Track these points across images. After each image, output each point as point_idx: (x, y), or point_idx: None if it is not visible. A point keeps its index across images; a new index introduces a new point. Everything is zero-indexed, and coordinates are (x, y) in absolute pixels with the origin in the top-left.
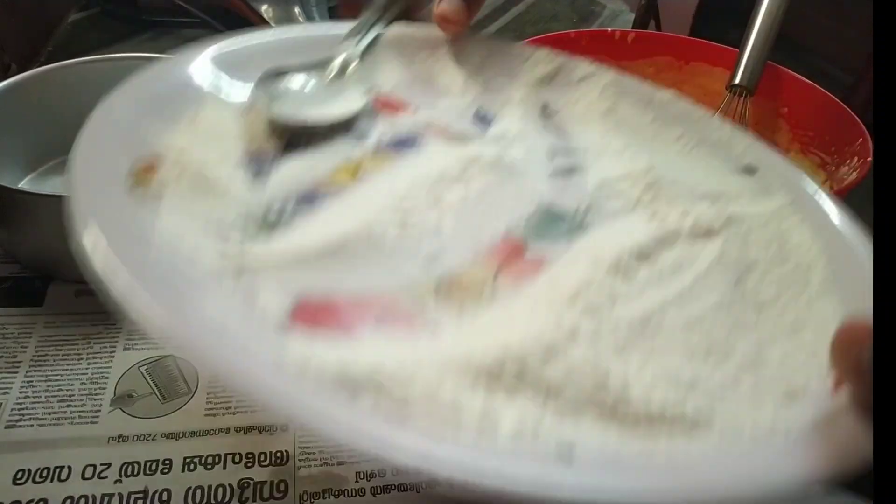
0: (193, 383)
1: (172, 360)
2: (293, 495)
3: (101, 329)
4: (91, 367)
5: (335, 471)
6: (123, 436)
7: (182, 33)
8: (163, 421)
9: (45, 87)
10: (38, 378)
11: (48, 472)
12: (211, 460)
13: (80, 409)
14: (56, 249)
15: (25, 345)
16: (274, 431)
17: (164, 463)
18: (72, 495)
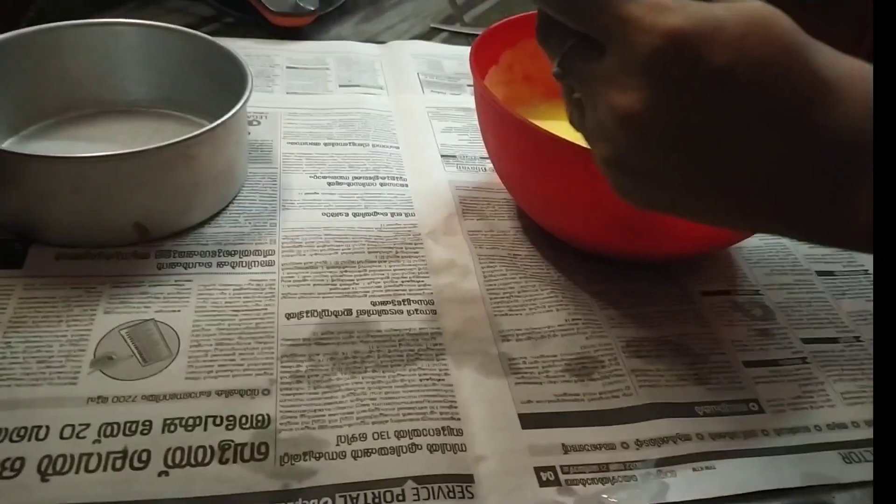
0: (175, 347)
1: (153, 324)
2: (273, 457)
3: (81, 292)
4: (71, 329)
5: (316, 434)
6: (103, 397)
7: (167, 3)
8: (143, 383)
9: (27, 50)
10: (16, 339)
11: (25, 431)
12: (191, 422)
13: (59, 371)
14: (37, 212)
15: (4, 306)
16: (256, 395)
17: (144, 424)
18: (49, 454)
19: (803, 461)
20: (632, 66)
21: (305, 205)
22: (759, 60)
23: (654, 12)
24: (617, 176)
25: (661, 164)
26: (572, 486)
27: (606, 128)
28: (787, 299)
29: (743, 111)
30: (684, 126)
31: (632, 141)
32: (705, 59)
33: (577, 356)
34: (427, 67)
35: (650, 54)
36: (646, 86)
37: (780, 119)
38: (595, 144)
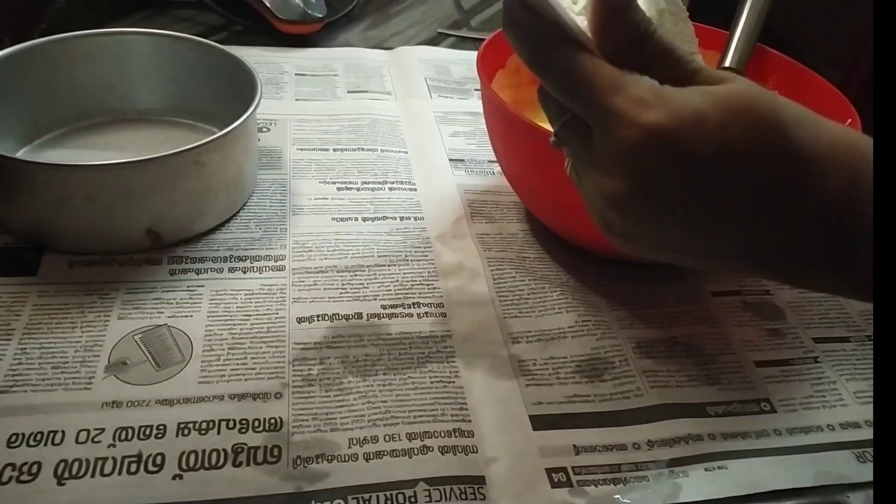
0: (188, 352)
1: (166, 330)
2: (286, 460)
3: (94, 299)
4: (85, 335)
5: (328, 437)
6: (117, 401)
7: (176, 13)
8: (157, 388)
9: (41, 60)
10: (31, 345)
11: (42, 436)
12: (205, 426)
13: (74, 376)
14: (50, 220)
15: (19, 313)
16: (268, 399)
17: (158, 428)
18: (65, 459)
19: (816, 461)
20: (615, 155)
21: (315, 210)
22: (740, 150)
23: (635, 106)
24: (612, 237)
25: (652, 234)
26: (584, 487)
27: (596, 202)
28: (798, 298)
29: (727, 196)
30: (668, 209)
31: (620, 217)
32: (685, 152)
33: (588, 357)
34: (434, 72)
35: (631, 148)
36: (626, 175)
37: (763, 198)
38: (588, 209)
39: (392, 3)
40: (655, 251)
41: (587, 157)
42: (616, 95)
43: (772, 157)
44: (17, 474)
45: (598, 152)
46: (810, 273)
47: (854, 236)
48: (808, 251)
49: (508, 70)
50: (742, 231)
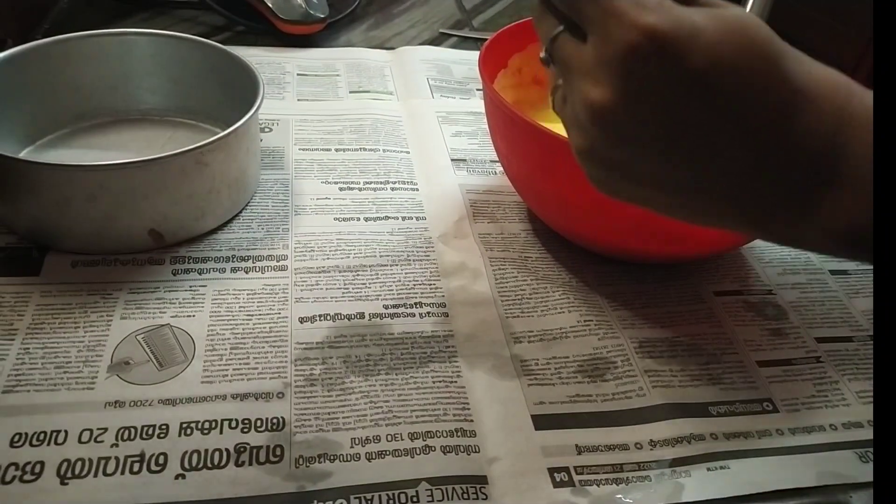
0: (190, 351)
1: (169, 329)
2: (288, 460)
3: (97, 298)
4: (88, 334)
5: (330, 437)
6: (120, 401)
7: (178, 13)
8: (159, 388)
9: (44, 61)
10: (34, 345)
11: (44, 435)
12: (207, 426)
13: (77, 376)
14: (53, 220)
15: (22, 313)
16: (270, 398)
17: (161, 428)
18: (68, 458)
19: (819, 460)
20: (607, 59)
21: (317, 210)
22: (732, 67)
23: (636, 9)
24: (589, 166)
25: (630, 159)
26: (586, 486)
27: (580, 119)
28: (801, 298)
29: (713, 114)
30: (652, 124)
31: (602, 134)
32: (679, 61)
33: (590, 357)
34: (436, 72)
35: (625, 50)
36: (617, 81)
37: (750, 124)
38: (570, 133)
39: (394, 4)
40: (630, 183)
41: (577, 65)
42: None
43: (763, 82)
44: (21, 474)
45: (591, 59)
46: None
47: (831, 177)
48: (783, 188)
49: (510, 70)
50: (723, 158)
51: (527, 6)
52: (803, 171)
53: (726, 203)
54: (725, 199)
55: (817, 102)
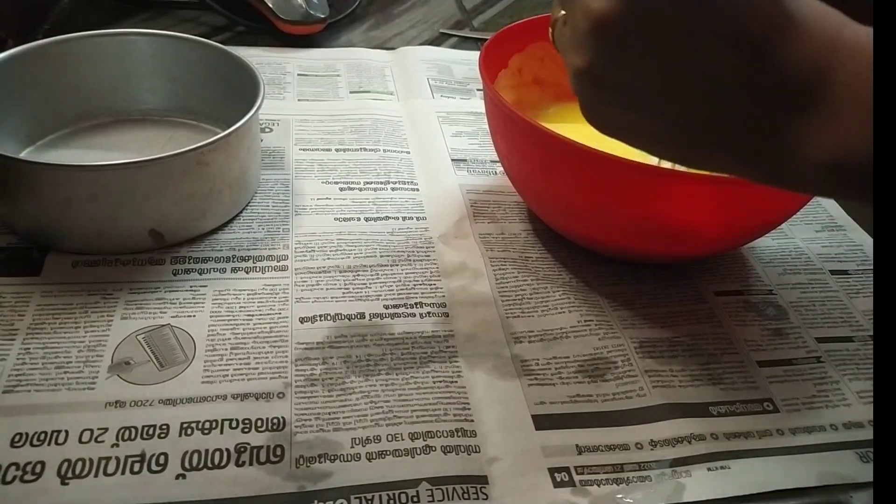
0: (191, 351)
1: (169, 330)
2: (289, 460)
3: (98, 299)
4: (88, 335)
5: (330, 437)
6: (120, 401)
7: (179, 14)
8: (160, 388)
9: (44, 61)
10: (35, 345)
11: (45, 435)
12: (208, 426)
13: (78, 376)
14: (54, 220)
15: (23, 313)
16: (271, 398)
17: (162, 428)
18: (69, 458)
19: (819, 460)
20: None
21: (318, 210)
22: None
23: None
24: (585, 88)
25: (628, 76)
26: (587, 486)
27: (580, 35)
28: (801, 298)
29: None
30: (653, 35)
31: (602, 46)
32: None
33: (590, 357)
34: (437, 72)
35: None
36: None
37: (742, 41)
38: (569, 56)
39: (394, 4)
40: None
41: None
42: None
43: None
44: (21, 474)
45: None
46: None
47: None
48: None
49: (511, 70)
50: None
51: (527, 6)
52: (791, 93)
53: (714, 128)
54: (714, 123)
55: (808, 26)
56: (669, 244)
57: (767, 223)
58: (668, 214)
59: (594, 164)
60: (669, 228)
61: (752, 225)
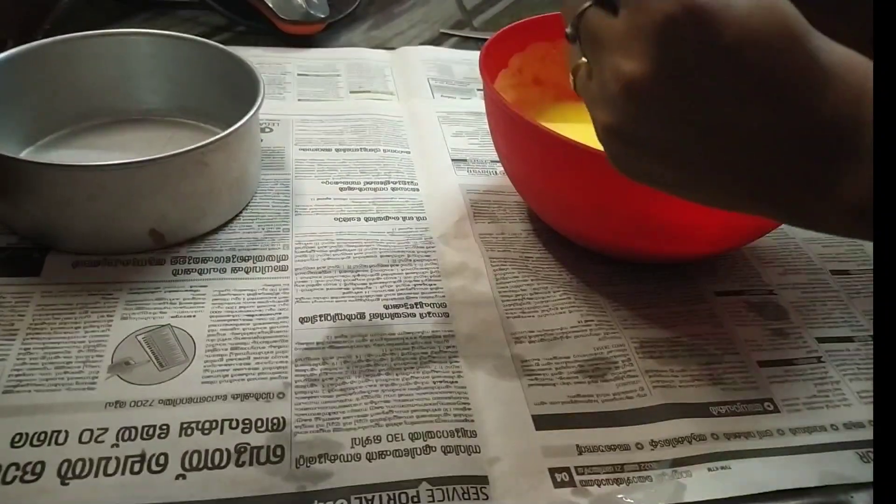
0: (191, 352)
1: (169, 330)
2: (289, 460)
3: (98, 299)
4: (88, 335)
5: (331, 437)
6: (120, 401)
7: (179, 14)
8: (160, 388)
9: (45, 61)
10: (35, 345)
11: (45, 435)
12: (208, 426)
13: (78, 376)
14: (54, 220)
15: (23, 313)
16: (271, 398)
17: (161, 428)
18: (69, 458)
19: (820, 461)
20: (643, 31)
21: (318, 210)
22: (763, 39)
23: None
24: (614, 145)
25: (658, 135)
26: (587, 486)
27: (609, 93)
28: (802, 298)
29: (742, 86)
30: (685, 96)
31: (633, 108)
32: (714, 31)
33: (591, 357)
34: (437, 72)
35: (662, 21)
36: (653, 53)
37: (777, 97)
38: (596, 110)
39: (394, 4)
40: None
41: (609, 40)
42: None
43: (793, 55)
44: (21, 474)
45: (623, 31)
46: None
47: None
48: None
49: (511, 70)
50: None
51: (527, 6)
52: (826, 144)
53: (747, 179)
54: (746, 174)
55: (840, 79)
56: (669, 244)
57: (768, 223)
58: (669, 214)
59: (594, 164)
60: (669, 228)
61: (752, 225)
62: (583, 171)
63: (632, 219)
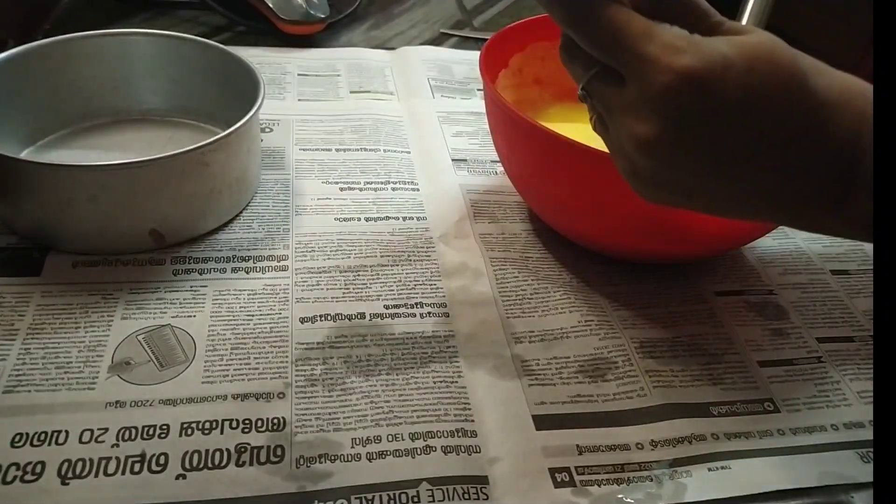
0: (191, 352)
1: (170, 330)
2: (289, 460)
3: (98, 299)
4: (88, 335)
5: (331, 437)
6: (121, 401)
7: (179, 14)
8: (160, 388)
9: (45, 61)
10: (35, 345)
11: (45, 435)
12: (208, 426)
13: (78, 376)
14: (54, 220)
15: (23, 313)
16: (271, 398)
17: (162, 428)
18: (69, 458)
19: (820, 461)
20: (648, 99)
21: (318, 210)
22: (763, 92)
23: (668, 52)
24: (637, 185)
25: (676, 179)
26: (587, 486)
27: (625, 149)
28: (802, 298)
29: (750, 137)
30: (696, 151)
31: (649, 162)
32: (715, 95)
33: (591, 357)
34: (437, 72)
35: (665, 91)
36: (660, 118)
37: (784, 141)
38: (616, 159)
39: (395, 4)
40: (678, 196)
41: (619, 105)
42: (649, 43)
43: (794, 102)
44: (21, 474)
45: (631, 98)
46: (814, 213)
47: (855, 175)
48: (814, 189)
49: (511, 70)
50: (761, 172)
51: (527, 6)
52: (831, 172)
53: (764, 205)
54: (764, 201)
55: (840, 112)
56: (669, 244)
57: (768, 223)
58: (669, 214)
59: (594, 164)
60: (670, 228)
61: (752, 225)
62: (583, 171)
63: (632, 219)
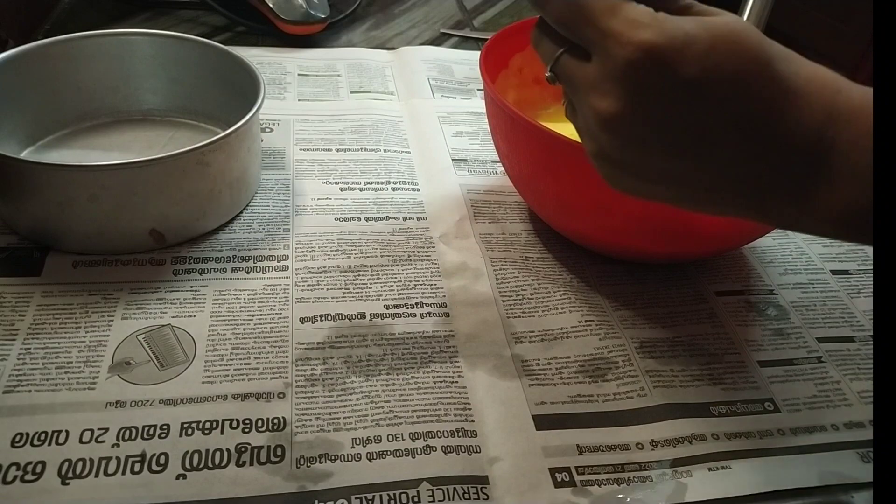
0: (191, 351)
1: (170, 330)
2: (289, 460)
3: (98, 299)
4: (89, 335)
5: (331, 437)
6: (121, 401)
7: (180, 14)
8: (160, 388)
9: (45, 61)
10: (35, 345)
11: (46, 435)
12: (208, 426)
13: (78, 376)
14: (55, 220)
15: (23, 313)
16: (271, 398)
17: (162, 428)
18: (69, 458)
19: (820, 461)
20: (610, 74)
21: (318, 210)
22: (724, 72)
23: (630, 27)
24: (603, 167)
25: (639, 159)
26: (587, 486)
27: (591, 127)
28: (802, 298)
29: (710, 116)
30: (657, 128)
31: (613, 139)
32: (675, 70)
33: (591, 357)
34: (437, 72)
35: (625, 65)
36: (621, 93)
37: (744, 124)
38: (584, 140)
39: (395, 4)
40: (645, 182)
41: (583, 83)
42: (612, 18)
43: (756, 85)
44: (22, 474)
45: (594, 74)
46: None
47: (822, 168)
48: (779, 179)
49: (511, 70)
50: (723, 155)
51: (527, 6)
52: (796, 163)
53: (728, 193)
54: (727, 190)
55: (806, 100)
56: (670, 244)
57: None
58: (669, 214)
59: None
60: (670, 228)
61: (752, 225)
62: (583, 171)
63: (632, 219)
